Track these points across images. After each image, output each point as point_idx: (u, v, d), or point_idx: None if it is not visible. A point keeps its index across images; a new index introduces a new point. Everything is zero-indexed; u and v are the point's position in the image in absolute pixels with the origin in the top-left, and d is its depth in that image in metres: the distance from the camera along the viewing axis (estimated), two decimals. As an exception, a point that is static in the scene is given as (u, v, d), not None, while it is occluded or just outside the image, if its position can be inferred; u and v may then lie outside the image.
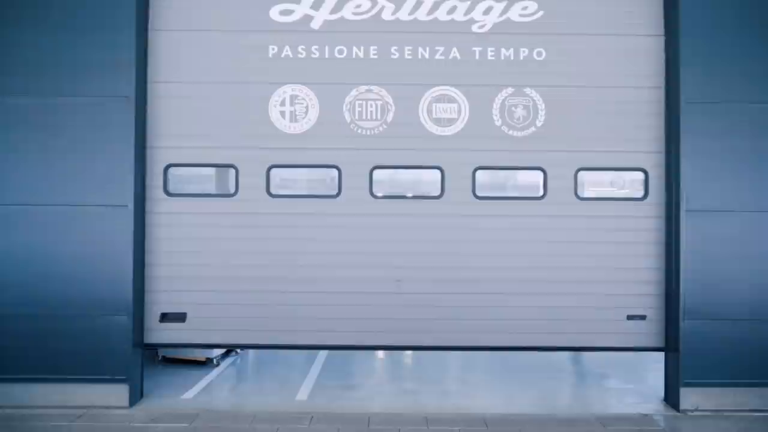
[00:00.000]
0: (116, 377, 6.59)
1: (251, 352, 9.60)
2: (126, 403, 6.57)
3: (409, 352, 9.80)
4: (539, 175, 7.01)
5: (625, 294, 6.95)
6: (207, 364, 8.56)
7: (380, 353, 9.72)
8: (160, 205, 6.95)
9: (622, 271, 6.95)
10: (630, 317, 6.94)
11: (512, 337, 6.97)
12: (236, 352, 9.37)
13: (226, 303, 6.94)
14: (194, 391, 7.37)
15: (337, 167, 6.96)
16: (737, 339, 6.65)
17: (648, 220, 6.96)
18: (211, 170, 7.58)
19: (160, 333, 6.96)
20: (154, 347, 6.97)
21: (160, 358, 8.76)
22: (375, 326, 6.95)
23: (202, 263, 6.94)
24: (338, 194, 6.96)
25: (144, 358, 7.05)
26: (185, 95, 6.93)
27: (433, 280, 6.95)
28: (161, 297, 6.94)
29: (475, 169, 6.96)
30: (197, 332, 6.96)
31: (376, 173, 7.02)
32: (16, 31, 6.61)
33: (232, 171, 6.96)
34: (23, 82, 6.62)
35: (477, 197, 6.96)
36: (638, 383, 7.86)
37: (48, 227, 6.63)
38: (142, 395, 6.92)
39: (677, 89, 6.70)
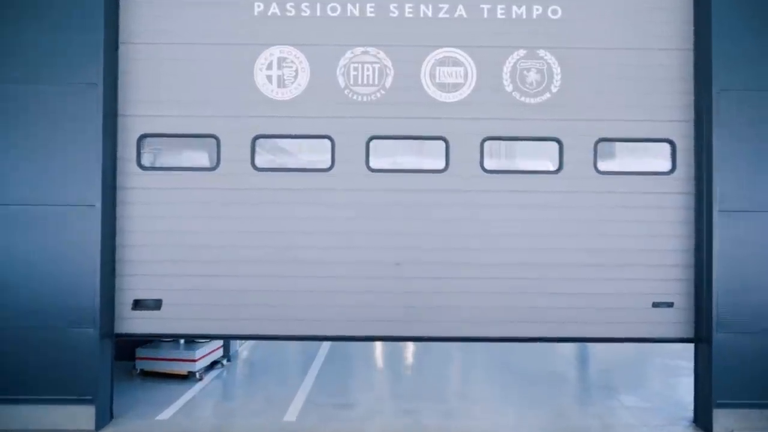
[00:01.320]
0: (82, 397, 5.85)
1: (238, 364, 8.97)
2: (92, 425, 5.83)
3: (409, 363, 9.22)
4: (554, 146, 6.31)
5: (650, 279, 6.24)
6: (189, 378, 7.85)
7: (380, 364, 9.12)
8: (132, 180, 6.24)
9: (646, 254, 6.25)
10: (655, 305, 6.23)
11: (524, 328, 6.26)
12: (222, 364, 8.69)
13: (207, 289, 6.24)
14: (172, 410, 6.63)
15: (329, 137, 6.26)
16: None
17: (675, 196, 6.26)
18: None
19: (132, 322, 6.24)
20: (126, 338, 6.26)
21: (138, 372, 8.07)
22: (371, 315, 6.25)
23: (179, 244, 6.24)
24: (331, 167, 6.26)
25: (114, 373, 6.33)
26: (160, 57, 6.23)
27: (436, 263, 6.25)
28: (134, 282, 6.23)
29: (484, 140, 6.26)
30: (174, 321, 6.25)
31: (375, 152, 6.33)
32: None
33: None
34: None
35: (485, 171, 6.26)
36: (658, 399, 7.16)
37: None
38: (112, 416, 6.19)
39: (708, 52, 6.01)
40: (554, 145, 6.31)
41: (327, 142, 6.27)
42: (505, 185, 6.26)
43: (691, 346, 6.37)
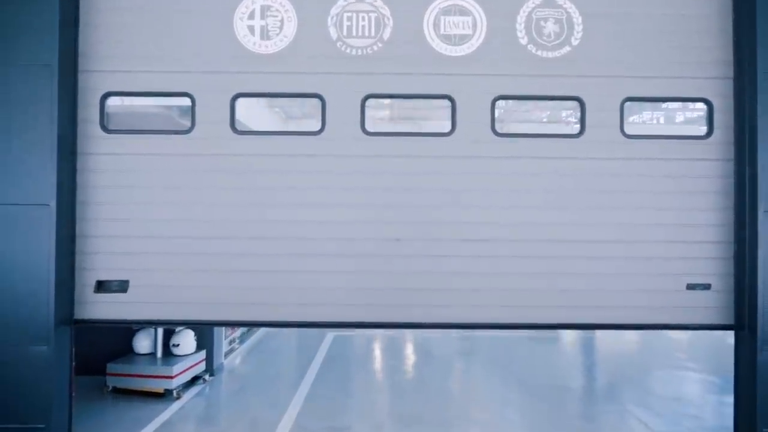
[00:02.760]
0: (31, 425, 5.06)
1: (222, 378, 8.23)
2: None
3: (409, 376, 8.54)
4: (575, 107, 5.59)
5: (684, 257, 5.50)
6: (166, 396, 7.14)
7: (378, 377, 8.48)
8: (97, 145, 5.49)
9: (679, 229, 5.51)
10: (690, 287, 5.48)
11: (539, 312, 5.50)
12: (204, 380, 7.94)
13: (181, 269, 5.49)
14: None
15: (319, 96, 5.51)
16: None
17: (712, 164, 5.51)
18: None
19: (94, 306, 5.48)
20: (87, 324, 5.49)
21: (109, 389, 7.34)
22: (367, 298, 5.49)
23: (149, 218, 5.49)
24: (321, 130, 5.51)
25: (83, 390, 5.59)
26: (126, 5, 5.48)
27: (442, 239, 5.50)
28: (97, 261, 5.48)
29: (495, 99, 5.51)
30: (142, 306, 5.49)
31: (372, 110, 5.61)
32: None
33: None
34: None
35: (497, 134, 5.51)
36: (689, 422, 6.45)
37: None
38: None
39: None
40: (564, 115, 5.59)
41: (310, 108, 5.54)
42: (520, 151, 5.51)
43: (705, 359, 5.63)
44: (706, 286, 5.47)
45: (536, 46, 5.51)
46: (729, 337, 10.18)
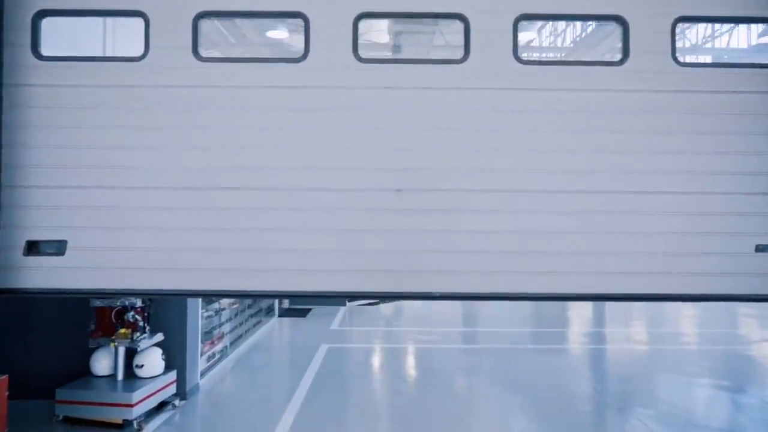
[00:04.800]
0: None
1: (197, 402, 7.11)
2: None
3: (411, 397, 7.56)
4: (613, 29, 4.58)
5: (751, 213, 4.48)
6: (125, 427, 6.15)
7: (377, 398, 7.58)
8: (29, 75, 4.47)
9: (744, 178, 4.49)
10: (760, 248, 4.46)
11: (573, 281, 4.47)
12: (173, 406, 6.86)
13: (131, 226, 4.47)
14: None
15: (302, 15, 4.50)
16: None
17: (784, 98, 4.50)
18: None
19: (25, 273, 4.45)
20: (14, 294, 4.48)
21: (59, 419, 6.32)
22: (361, 262, 4.46)
23: (92, 165, 4.47)
24: (304, 56, 4.50)
25: (27, 419, 4.59)
26: None
27: (451, 190, 4.47)
28: (27, 217, 4.45)
29: (518, 18, 4.50)
30: (84, 272, 4.47)
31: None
32: None
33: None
34: None
35: (520, 61, 4.50)
36: None
37: None
38: None
39: None
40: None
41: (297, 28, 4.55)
42: (548, 82, 4.49)
43: (722, 369, 4.74)
44: (780, 248, 4.46)
45: (568, -47, 4.52)
46: (740, 345, 9.12)
